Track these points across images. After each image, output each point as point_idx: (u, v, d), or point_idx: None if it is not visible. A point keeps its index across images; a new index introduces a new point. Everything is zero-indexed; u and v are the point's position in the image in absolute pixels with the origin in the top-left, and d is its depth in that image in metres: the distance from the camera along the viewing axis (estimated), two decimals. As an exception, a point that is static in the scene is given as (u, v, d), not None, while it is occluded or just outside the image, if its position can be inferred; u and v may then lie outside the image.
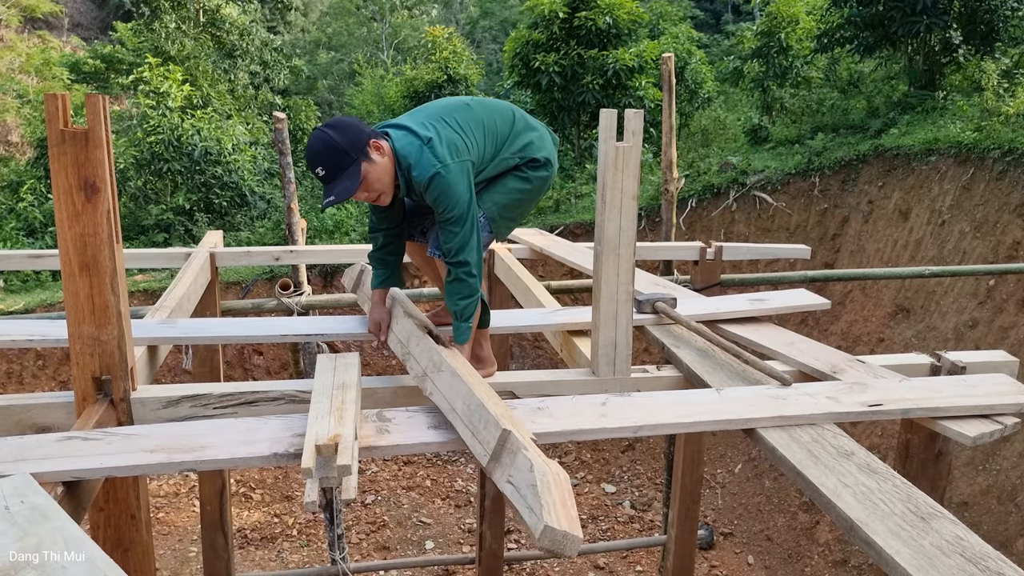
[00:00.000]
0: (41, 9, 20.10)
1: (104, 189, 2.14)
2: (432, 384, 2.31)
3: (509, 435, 1.93)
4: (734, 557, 6.89)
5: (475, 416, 2.06)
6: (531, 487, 1.79)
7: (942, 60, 10.30)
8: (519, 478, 1.85)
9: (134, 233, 11.02)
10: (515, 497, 1.83)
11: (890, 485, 1.85)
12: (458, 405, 2.16)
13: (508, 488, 1.87)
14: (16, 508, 1.63)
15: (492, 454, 1.94)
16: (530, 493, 1.79)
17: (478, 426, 2.03)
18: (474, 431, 2.04)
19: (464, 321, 2.49)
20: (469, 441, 2.06)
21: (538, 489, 1.77)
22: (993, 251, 7.09)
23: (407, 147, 2.42)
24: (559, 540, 1.69)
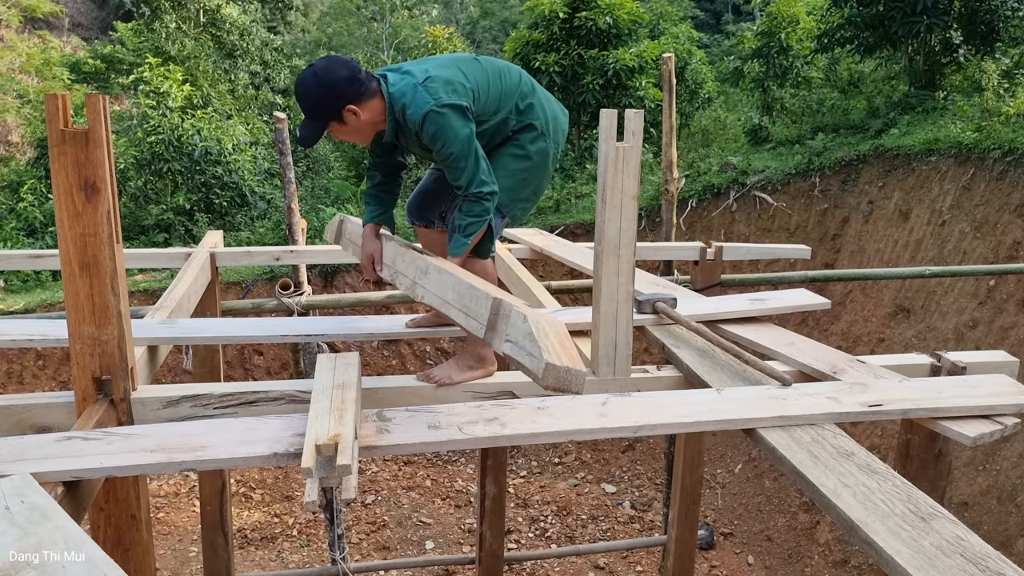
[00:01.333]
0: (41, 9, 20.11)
1: (104, 189, 2.14)
2: (422, 288, 2.40)
3: (500, 302, 2.00)
4: (734, 557, 6.89)
5: (466, 298, 2.14)
6: (527, 335, 1.85)
7: (942, 60, 10.30)
8: (515, 333, 1.90)
9: (134, 233, 11.02)
10: (515, 352, 1.88)
11: (890, 485, 1.85)
12: (449, 296, 2.23)
13: (508, 347, 1.93)
14: (16, 508, 1.63)
15: (488, 324, 2.01)
16: (527, 341, 1.84)
17: (471, 306, 2.11)
18: (468, 312, 2.12)
19: (464, 236, 2.50)
20: (465, 323, 2.14)
21: (534, 335, 1.83)
22: (993, 251, 7.09)
23: (402, 88, 2.43)
24: (563, 376, 1.75)
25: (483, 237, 2.63)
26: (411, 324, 2.98)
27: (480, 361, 2.62)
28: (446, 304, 2.26)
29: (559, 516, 7.40)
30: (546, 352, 1.78)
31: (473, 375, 2.59)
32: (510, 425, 2.13)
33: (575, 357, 1.81)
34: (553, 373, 1.75)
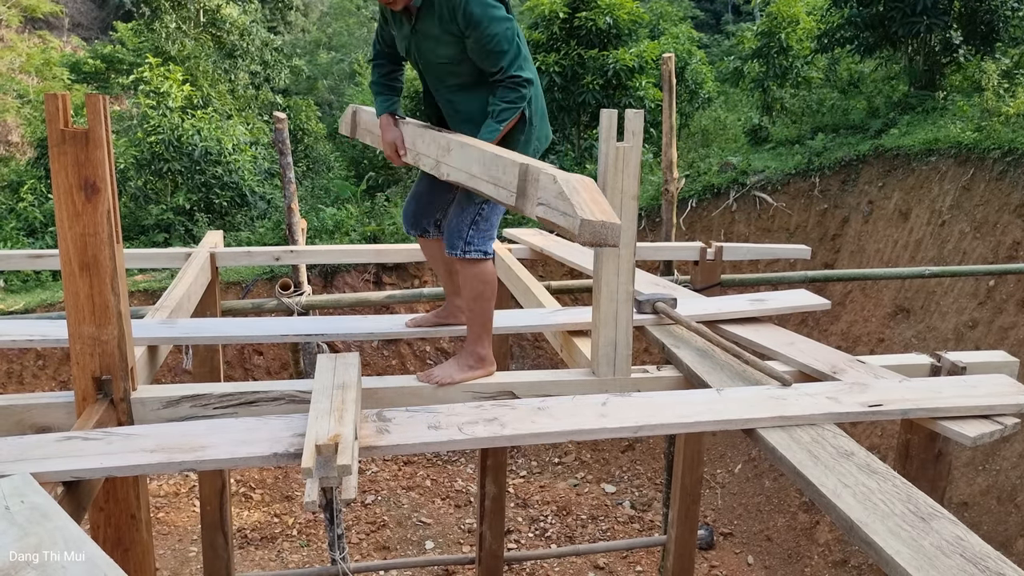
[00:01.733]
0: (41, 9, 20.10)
1: (104, 189, 2.14)
2: (446, 166, 2.42)
3: (527, 167, 2.05)
4: (734, 557, 6.89)
5: (492, 168, 2.18)
6: (559, 195, 1.91)
7: (942, 60, 10.30)
8: (546, 195, 1.96)
9: (134, 233, 11.01)
10: (548, 214, 1.94)
11: (890, 485, 1.85)
12: (475, 169, 2.28)
13: (540, 210, 1.98)
14: (16, 508, 1.63)
15: (518, 191, 2.06)
16: (560, 201, 1.90)
17: (498, 175, 2.15)
18: (496, 181, 2.16)
19: (497, 122, 2.50)
20: (494, 192, 2.18)
21: (566, 194, 1.88)
22: (993, 251, 7.09)
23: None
24: (598, 230, 1.81)
25: (482, 236, 2.63)
26: (411, 324, 2.98)
27: (480, 361, 2.63)
28: (473, 178, 2.28)
29: (559, 516, 7.40)
30: (579, 208, 1.83)
31: (473, 375, 2.59)
32: (510, 425, 2.14)
33: (608, 211, 1.86)
34: (589, 228, 1.80)
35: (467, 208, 2.60)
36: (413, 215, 2.88)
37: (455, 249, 2.61)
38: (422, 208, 2.85)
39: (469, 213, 2.60)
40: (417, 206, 2.86)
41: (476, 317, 2.66)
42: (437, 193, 2.80)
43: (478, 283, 2.63)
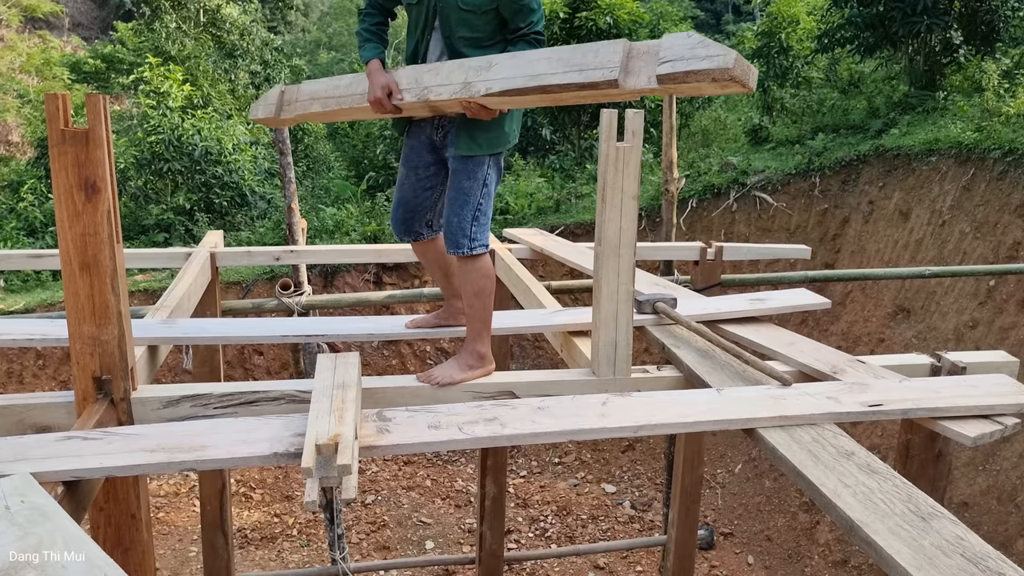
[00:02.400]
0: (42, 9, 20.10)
1: (104, 189, 2.14)
2: (486, 82, 2.34)
3: (630, 44, 2.09)
4: (734, 557, 6.89)
5: (574, 57, 2.16)
6: (698, 44, 1.96)
7: (943, 60, 10.29)
8: (677, 51, 1.98)
9: (134, 233, 11.01)
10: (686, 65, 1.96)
11: (890, 485, 1.85)
12: (541, 67, 2.22)
13: (666, 67, 1.99)
14: (16, 508, 1.63)
15: (622, 67, 2.05)
16: (699, 47, 1.95)
17: (586, 61, 2.12)
18: (583, 67, 2.12)
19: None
20: (579, 78, 2.12)
21: (704, 41, 1.96)
22: (993, 251, 7.08)
23: None
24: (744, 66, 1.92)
25: (483, 230, 2.63)
26: (411, 325, 2.98)
27: (480, 360, 2.63)
28: (538, 76, 2.22)
29: (559, 516, 7.40)
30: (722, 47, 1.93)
31: (473, 374, 2.60)
32: (510, 425, 2.14)
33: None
34: (740, 63, 1.91)
35: (466, 205, 2.60)
36: (404, 221, 2.84)
37: (460, 248, 2.60)
38: (411, 213, 2.82)
39: (469, 209, 2.60)
40: (405, 212, 2.82)
41: (477, 314, 2.66)
42: (422, 195, 2.78)
43: (479, 278, 2.63)
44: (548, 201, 10.45)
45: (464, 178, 2.60)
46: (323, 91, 2.79)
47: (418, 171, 2.76)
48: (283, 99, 2.91)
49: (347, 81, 2.74)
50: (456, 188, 2.61)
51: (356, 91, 2.69)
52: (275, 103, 2.91)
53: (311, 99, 2.82)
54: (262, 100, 2.97)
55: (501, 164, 2.70)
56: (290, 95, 2.91)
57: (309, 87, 2.86)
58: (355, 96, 2.68)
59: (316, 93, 2.82)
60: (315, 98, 2.81)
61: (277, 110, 2.91)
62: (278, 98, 2.92)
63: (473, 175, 2.60)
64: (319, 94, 2.80)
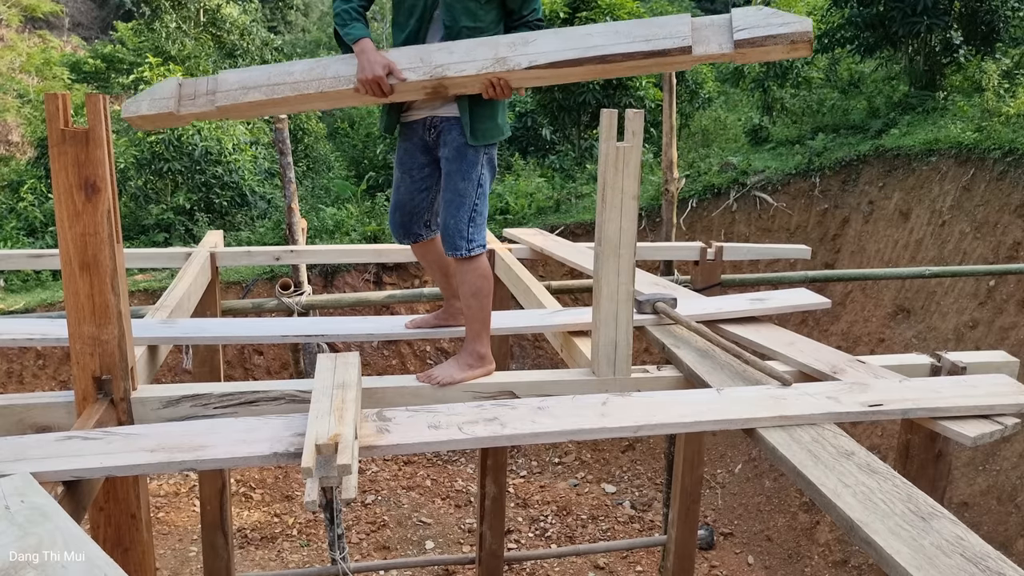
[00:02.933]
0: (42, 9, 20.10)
1: (104, 189, 2.14)
2: (527, 55, 2.35)
3: (693, 18, 2.24)
4: (734, 557, 6.89)
5: (636, 30, 2.27)
6: (772, 14, 2.18)
7: (943, 60, 10.29)
8: (751, 20, 2.20)
9: (134, 233, 11.01)
10: (761, 31, 2.18)
11: (890, 485, 1.85)
12: (597, 40, 2.28)
13: (743, 34, 2.19)
14: (16, 508, 1.63)
15: (694, 38, 2.22)
16: (773, 17, 2.18)
17: (651, 32, 2.25)
18: (649, 38, 2.24)
19: None
20: (647, 47, 2.25)
21: (776, 11, 2.19)
22: (993, 251, 7.08)
23: None
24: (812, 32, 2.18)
25: (479, 230, 2.64)
26: (411, 325, 2.98)
27: (480, 360, 2.63)
28: (595, 47, 2.29)
29: (559, 516, 7.40)
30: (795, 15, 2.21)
31: (473, 374, 2.60)
32: (510, 425, 2.14)
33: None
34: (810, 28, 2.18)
35: (462, 207, 2.59)
36: (402, 224, 2.83)
37: (459, 250, 2.60)
38: (408, 215, 2.81)
39: (465, 211, 2.59)
40: (403, 215, 2.81)
41: (476, 314, 2.66)
42: (418, 196, 2.77)
43: (477, 278, 2.63)
44: (548, 201, 10.45)
45: (459, 179, 2.59)
46: (264, 79, 2.51)
47: (412, 173, 2.75)
48: (182, 92, 2.54)
49: (303, 67, 2.51)
50: (451, 190, 2.60)
51: (323, 75, 2.48)
52: (171, 97, 2.53)
53: (243, 88, 2.51)
54: (145, 96, 2.55)
55: (495, 162, 2.69)
56: (199, 87, 2.55)
57: (235, 76, 2.54)
58: (324, 80, 2.47)
59: (253, 81, 2.51)
60: (252, 87, 2.51)
61: (176, 104, 2.52)
62: (174, 91, 2.54)
63: (467, 176, 2.59)
64: (258, 82, 2.51)
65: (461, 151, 2.59)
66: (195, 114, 2.55)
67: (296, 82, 2.49)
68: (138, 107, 2.53)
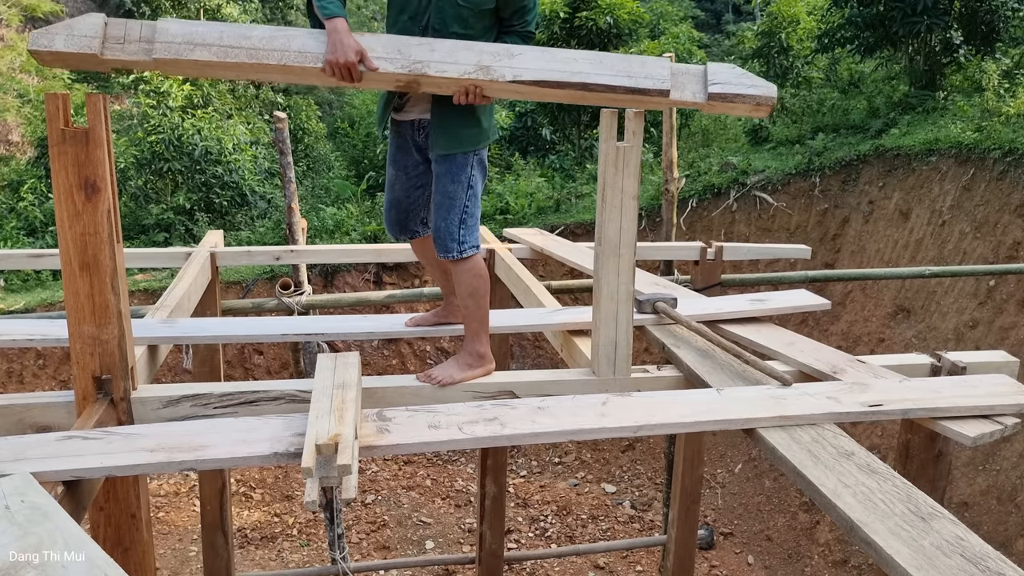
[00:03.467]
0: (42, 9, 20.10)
1: (104, 188, 2.14)
2: (512, 68, 2.35)
3: (675, 67, 2.38)
4: (734, 557, 6.89)
5: (620, 64, 2.36)
6: (742, 75, 2.37)
7: (943, 60, 10.29)
8: (725, 76, 2.35)
9: (134, 232, 11.01)
10: (732, 88, 2.34)
11: (890, 485, 1.85)
12: (584, 67, 2.34)
13: (717, 88, 2.34)
14: (16, 507, 1.63)
15: (672, 83, 2.36)
16: (744, 78, 2.36)
17: (633, 69, 2.35)
18: (631, 75, 2.35)
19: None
20: (629, 83, 2.35)
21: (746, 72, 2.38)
22: (993, 251, 7.08)
23: None
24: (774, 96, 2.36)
25: (471, 231, 2.63)
26: (411, 324, 2.98)
27: (480, 359, 2.63)
28: (581, 74, 2.34)
29: (559, 516, 7.40)
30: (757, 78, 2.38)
31: (473, 374, 2.60)
32: (510, 425, 2.14)
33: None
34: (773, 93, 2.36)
35: (452, 209, 2.58)
36: (398, 222, 2.83)
37: (450, 252, 2.60)
38: (404, 212, 2.81)
39: (455, 213, 2.58)
40: (399, 212, 2.81)
41: (474, 314, 2.66)
42: (414, 193, 2.77)
43: (472, 278, 2.63)
44: (548, 201, 10.46)
45: (448, 182, 2.58)
46: (215, 37, 2.24)
47: (407, 170, 2.74)
48: (108, 33, 2.19)
49: (263, 33, 2.28)
50: (441, 192, 2.59)
51: (287, 47, 2.28)
52: (94, 36, 2.17)
53: (188, 43, 2.23)
54: (62, 28, 2.16)
55: (485, 163, 2.68)
56: (131, 32, 2.21)
57: (179, 28, 2.23)
58: (287, 53, 2.27)
59: (201, 37, 2.24)
60: (200, 43, 2.24)
61: (99, 46, 2.17)
62: (99, 30, 2.18)
63: (456, 178, 2.58)
64: (207, 39, 2.23)
65: (450, 153, 2.59)
66: (123, 61, 2.21)
67: (254, 48, 2.25)
68: (51, 41, 2.16)
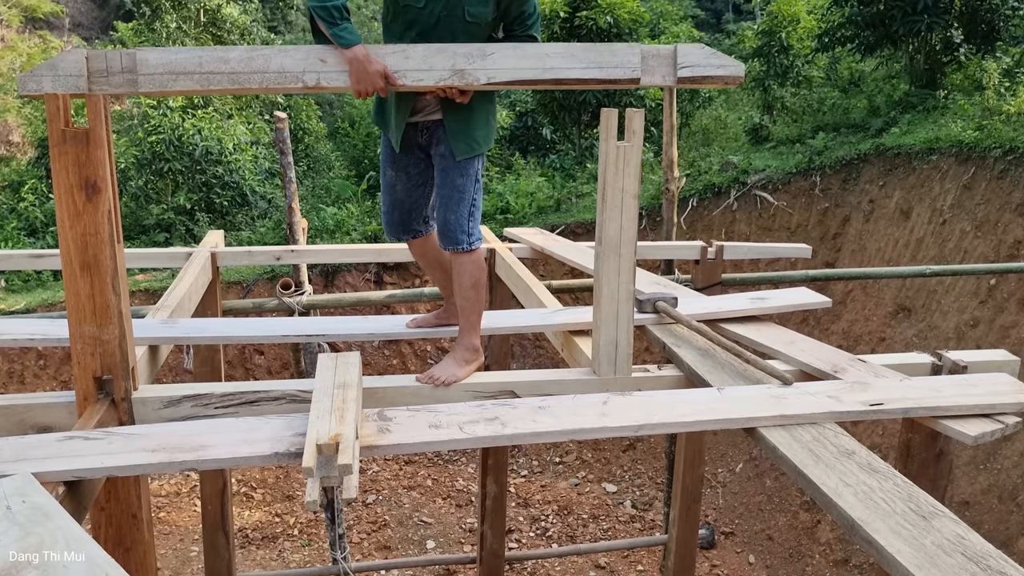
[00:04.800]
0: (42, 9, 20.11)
1: (105, 189, 2.14)
2: (485, 71, 2.38)
3: (643, 47, 2.42)
4: (735, 556, 6.89)
5: (590, 55, 2.40)
6: (712, 55, 2.42)
7: (943, 59, 10.29)
8: (694, 58, 2.41)
9: (135, 233, 11.02)
10: (701, 70, 2.41)
11: (891, 484, 1.85)
12: (555, 62, 2.39)
13: (686, 71, 2.41)
14: (17, 508, 1.63)
15: (643, 68, 2.40)
16: (713, 58, 2.42)
17: (604, 59, 2.40)
18: (602, 65, 2.39)
19: None
20: (600, 74, 2.40)
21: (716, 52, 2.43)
22: (994, 250, 7.08)
23: None
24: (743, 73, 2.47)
25: (477, 223, 2.66)
26: (411, 325, 2.99)
27: (475, 353, 2.67)
28: (552, 70, 2.38)
29: (560, 515, 7.40)
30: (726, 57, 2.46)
31: (470, 369, 2.62)
32: (511, 424, 2.14)
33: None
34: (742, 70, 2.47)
35: (462, 202, 2.61)
36: (401, 223, 2.84)
37: (459, 244, 2.62)
38: (407, 212, 2.82)
39: (465, 206, 2.62)
40: (401, 212, 2.82)
41: (474, 306, 2.70)
42: (415, 192, 2.79)
43: (475, 270, 2.67)
44: (549, 200, 10.46)
45: (457, 176, 2.61)
46: (195, 64, 2.27)
47: (408, 170, 2.75)
48: (91, 67, 2.22)
49: (240, 56, 2.29)
50: (450, 186, 2.62)
51: (266, 68, 2.28)
52: (79, 75, 2.21)
53: (170, 73, 2.27)
54: (46, 70, 2.20)
55: (484, 157, 2.74)
56: (112, 63, 2.23)
57: (158, 58, 2.27)
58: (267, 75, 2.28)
59: (181, 66, 2.27)
60: (182, 73, 2.27)
61: (86, 84, 2.22)
62: (81, 67, 2.21)
63: (466, 172, 2.62)
64: (187, 68, 2.27)
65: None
66: (112, 94, 2.27)
67: (234, 72, 2.29)
68: (39, 84, 2.19)
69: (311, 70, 2.33)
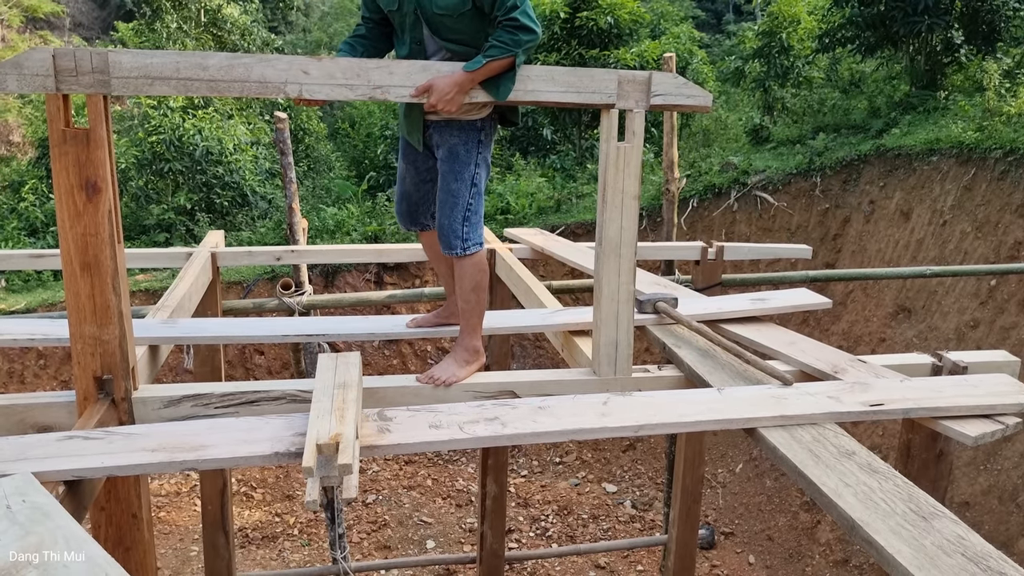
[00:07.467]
0: (43, 9, 20.11)
1: (105, 189, 2.14)
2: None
3: (622, 76, 2.50)
4: (735, 557, 6.89)
5: (570, 79, 2.49)
6: (683, 85, 2.54)
7: (944, 60, 10.29)
8: (666, 87, 2.52)
9: (135, 233, 11.02)
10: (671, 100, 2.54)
11: (891, 485, 1.85)
12: (537, 85, 2.49)
13: (658, 100, 2.51)
14: (17, 507, 1.63)
15: (618, 94, 2.49)
16: (684, 88, 2.54)
17: (583, 84, 2.49)
18: (580, 90, 2.49)
19: (484, 55, 2.39)
20: (578, 99, 2.49)
21: (687, 83, 2.55)
22: (995, 251, 7.08)
23: None
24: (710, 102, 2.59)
25: (475, 228, 2.64)
26: (412, 324, 2.99)
27: (475, 353, 2.66)
28: (534, 92, 2.48)
29: (560, 515, 7.40)
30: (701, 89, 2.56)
31: (471, 369, 2.62)
32: (511, 424, 2.14)
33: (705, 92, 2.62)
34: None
35: (456, 207, 2.61)
36: (408, 213, 2.90)
37: (454, 249, 2.63)
38: (414, 205, 2.87)
39: (459, 211, 2.61)
40: (409, 204, 2.88)
41: (475, 308, 2.70)
42: (423, 187, 2.82)
43: (476, 272, 2.67)
44: (549, 201, 10.45)
45: (451, 180, 2.61)
46: (172, 69, 2.21)
47: (416, 165, 2.80)
48: (59, 66, 2.13)
49: (220, 63, 2.24)
50: (445, 191, 2.62)
51: (247, 77, 2.26)
52: (47, 75, 2.13)
53: (146, 78, 2.20)
54: (11, 68, 2.11)
55: (488, 162, 2.71)
56: (81, 62, 2.15)
57: (132, 60, 2.20)
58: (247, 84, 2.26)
59: (157, 71, 2.21)
60: (158, 77, 2.21)
61: (54, 84, 2.13)
62: (48, 66, 2.12)
63: (460, 176, 2.60)
64: (164, 72, 2.21)
65: (454, 152, 2.60)
66: (83, 92, 2.18)
67: (213, 80, 2.25)
68: (3, 83, 2.11)
69: (293, 81, 2.28)
